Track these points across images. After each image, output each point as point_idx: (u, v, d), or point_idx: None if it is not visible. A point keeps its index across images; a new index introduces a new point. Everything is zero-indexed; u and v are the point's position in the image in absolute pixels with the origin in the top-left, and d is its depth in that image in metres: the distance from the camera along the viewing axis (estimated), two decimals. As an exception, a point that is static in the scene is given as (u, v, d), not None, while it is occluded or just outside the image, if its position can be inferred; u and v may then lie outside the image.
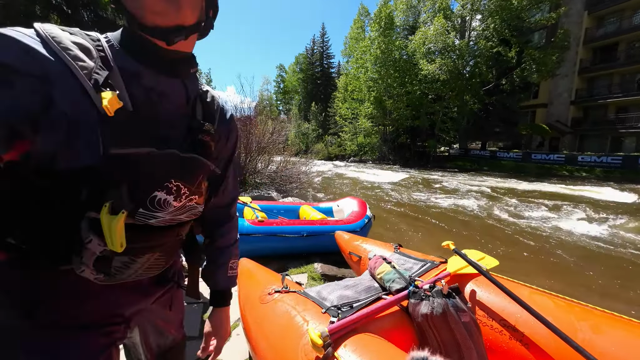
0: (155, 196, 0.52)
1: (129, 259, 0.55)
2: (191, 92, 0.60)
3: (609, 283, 3.57)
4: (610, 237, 5.23)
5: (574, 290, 3.39)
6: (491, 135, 23.55)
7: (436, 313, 1.10)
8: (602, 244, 4.86)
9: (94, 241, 0.48)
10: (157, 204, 0.53)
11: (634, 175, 14.43)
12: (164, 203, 0.54)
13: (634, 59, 19.58)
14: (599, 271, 3.88)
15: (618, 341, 1.03)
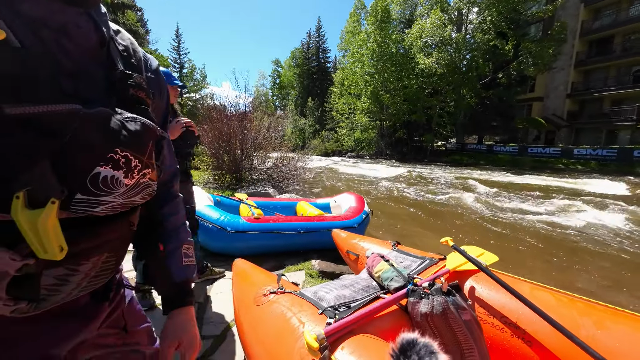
0: (97, 173, 0.38)
1: (67, 269, 0.40)
2: (104, 31, 0.44)
3: (609, 276, 3.59)
4: (608, 229, 5.26)
5: (574, 284, 3.40)
6: (488, 129, 23.60)
7: (436, 312, 1.07)
8: (600, 238, 4.89)
9: (4, 256, 0.33)
10: (102, 184, 0.39)
11: (629, 168, 14.55)
12: (113, 182, 0.40)
13: (630, 51, 19.62)
14: (598, 265, 3.90)
15: (622, 337, 1.00)
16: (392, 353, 0.71)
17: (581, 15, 21.36)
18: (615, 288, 3.31)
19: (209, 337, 1.63)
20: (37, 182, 0.33)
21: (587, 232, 5.12)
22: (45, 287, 0.39)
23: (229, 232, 2.69)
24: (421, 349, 0.69)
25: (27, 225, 0.33)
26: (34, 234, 0.33)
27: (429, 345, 0.69)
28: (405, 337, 0.72)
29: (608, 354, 0.97)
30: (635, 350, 0.96)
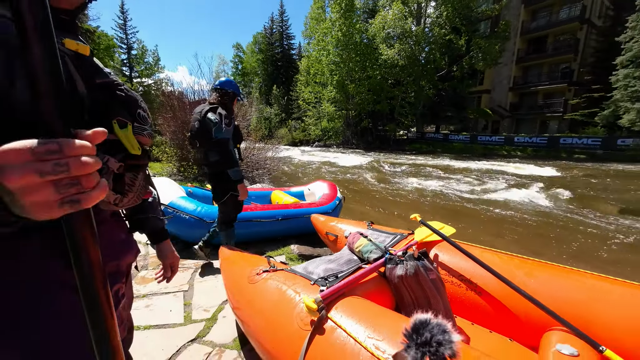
0: (139, 112, 0.67)
1: (133, 175, 0.66)
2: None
3: (536, 238, 4.30)
4: (536, 204, 6.20)
5: (513, 246, 4.02)
6: (444, 119, 25.41)
7: (409, 273, 1.28)
8: (528, 210, 5.75)
9: (111, 159, 0.56)
10: (141, 118, 0.68)
11: (556, 153, 16.93)
12: (143, 118, 0.69)
13: (559, 50, 22.37)
14: (527, 229, 4.63)
15: (544, 280, 1.32)
16: (405, 332, 0.71)
17: (522, 16, 23.67)
18: (543, 246, 4.00)
19: (201, 320, 1.69)
20: (122, 115, 0.61)
21: (517, 206, 5.99)
22: (127, 185, 0.65)
23: (208, 222, 2.69)
24: (434, 327, 0.69)
25: (122, 136, 0.59)
26: (127, 140, 0.60)
27: (442, 325, 0.70)
28: (418, 317, 0.72)
29: (534, 293, 1.27)
30: (550, 288, 1.28)
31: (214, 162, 2.13)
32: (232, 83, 2.25)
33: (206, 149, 2.13)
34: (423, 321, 0.71)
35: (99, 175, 0.38)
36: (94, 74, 0.59)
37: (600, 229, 4.73)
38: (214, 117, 2.02)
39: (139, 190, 0.71)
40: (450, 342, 0.68)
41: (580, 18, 20.89)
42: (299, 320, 1.09)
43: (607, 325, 1.11)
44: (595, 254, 3.84)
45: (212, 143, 2.05)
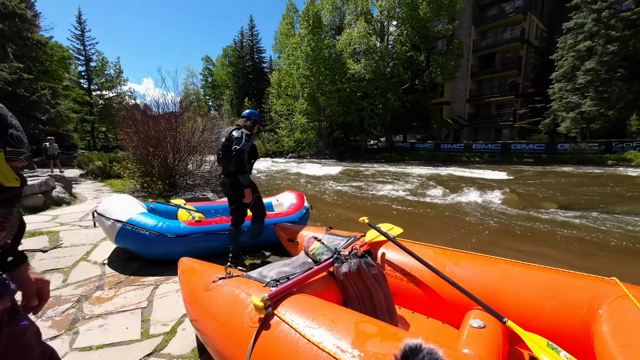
0: (11, 133, 0.57)
1: (7, 209, 0.57)
2: None
3: (487, 236, 4.73)
4: (488, 205, 6.80)
5: (453, 242, 4.38)
6: (410, 129, 26.93)
7: (352, 270, 1.42)
8: (480, 211, 6.31)
9: None
10: (15, 139, 0.58)
11: (508, 158, 18.65)
12: (18, 139, 0.59)
13: (506, 66, 25.03)
14: (477, 229, 5.08)
15: (468, 269, 1.53)
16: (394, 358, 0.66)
17: (472, 35, 26.26)
18: (486, 243, 4.41)
19: (158, 335, 1.69)
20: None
21: (471, 208, 6.54)
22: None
23: (169, 237, 2.67)
24: (425, 356, 0.63)
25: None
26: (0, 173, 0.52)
27: (433, 352, 0.64)
28: (408, 342, 0.66)
29: (460, 280, 1.48)
30: (472, 274, 1.49)
31: (232, 172, 2.61)
32: (255, 113, 2.84)
33: (227, 161, 2.61)
34: (413, 348, 0.65)
35: None
36: None
37: (543, 223, 5.32)
38: (237, 134, 2.58)
39: (14, 224, 0.61)
40: None
41: (521, 39, 23.65)
42: (248, 319, 1.17)
43: (511, 301, 1.33)
44: (541, 247, 4.32)
45: (232, 154, 2.53)
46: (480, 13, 26.41)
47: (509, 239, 4.70)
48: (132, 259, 2.83)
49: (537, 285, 1.32)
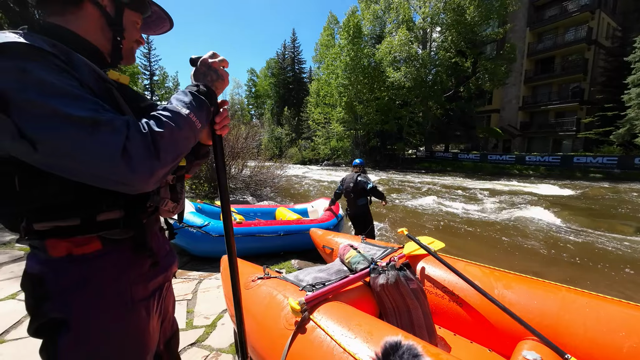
0: None
1: (181, 184, 0.80)
2: None
3: (541, 256, 4.21)
4: (546, 224, 6.06)
5: (501, 262, 3.95)
6: (452, 138, 25.43)
7: (390, 282, 1.38)
8: (535, 229, 5.64)
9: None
10: None
11: (570, 172, 16.50)
12: None
13: (568, 70, 22.45)
14: (531, 248, 4.54)
15: (520, 293, 1.39)
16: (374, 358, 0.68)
17: (527, 38, 24.13)
18: (541, 264, 3.91)
19: (201, 326, 1.81)
20: None
21: (524, 226, 5.87)
22: (178, 193, 0.78)
23: (213, 237, 2.86)
24: (404, 352, 0.65)
25: None
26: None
27: (413, 348, 0.66)
28: (388, 340, 0.68)
29: (511, 305, 1.34)
30: (526, 299, 1.34)
31: (361, 205, 3.74)
32: (362, 161, 4.10)
33: (357, 197, 3.70)
34: (393, 345, 0.67)
35: None
36: (136, 99, 0.69)
37: (613, 249, 4.58)
38: (363, 178, 3.72)
39: (183, 198, 0.83)
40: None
41: (587, 39, 21.09)
42: (285, 321, 1.20)
43: (574, 334, 1.17)
44: (609, 276, 3.73)
45: (367, 191, 3.66)
46: (537, 14, 24.20)
47: (569, 264, 4.13)
48: (181, 254, 3.08)
49: (609, 320, 1.15)
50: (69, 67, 0.51)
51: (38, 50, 0.48)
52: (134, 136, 0.50)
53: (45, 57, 0.48)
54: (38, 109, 0.45)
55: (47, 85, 0.46)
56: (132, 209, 0.63)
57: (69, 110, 0.46)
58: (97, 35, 0.66)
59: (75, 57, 0.55)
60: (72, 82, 0.49)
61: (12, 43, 0.46)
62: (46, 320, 0.57)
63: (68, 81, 0.49)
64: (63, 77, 0.48)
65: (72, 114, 0.46)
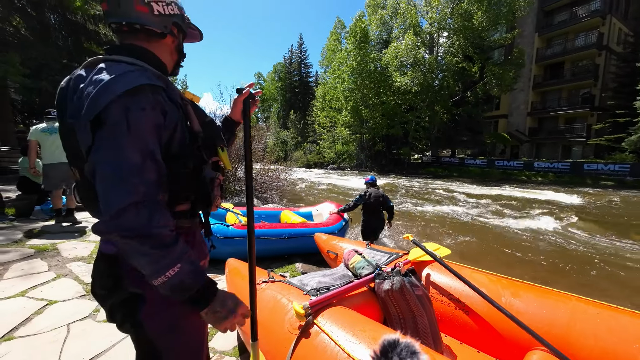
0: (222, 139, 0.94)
1: (222, 182, 0.90)
2: None
3: (552, 268, 4.11)
4: (554, 231, 5.93)
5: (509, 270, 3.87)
6: (459, 143, 25.19)
7: (395, 288, 1.37)
8: (543, 238, 5.52)
9: (219, 175, 0.85)
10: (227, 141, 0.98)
11: (580, 179, 16.16)
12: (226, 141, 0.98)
13: (578, 76, 22.11)
14: (536, 257, 4.44)
15: (528, 301, 1.36)
16: (373, 356, 0.69)
17: (536, 43, 23.90)
18: (549, 272, 3.81)
19: (205, 328, 1.82)
20: (220, 142, 0.88)
21: (534, 233, 5.75)
22: (222, 191, 0.90)
23: (218, 238, 2.88)
24: (402, 349, 0.67)
25: (223, 157, 0.88)
26: (225, 159, 0.89)
27: (411, 346, 0.68)
28: (386, 338, 0.70)
29: (519, 314, 1.32)
30: (534, 308, 1.32)
31: (382, 219, 4.22)
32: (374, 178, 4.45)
33: (381, 211, 4.17)
34: (391, 342, 0.69)
35: None
36: (203, 115, 0.86)
37: (626, 259, 4.45)
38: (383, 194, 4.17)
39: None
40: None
41: (598, 45, 20.79)
42: (289, 325, 1.20)
43: (585, 345, 1.14)
44: (620, 286, 3.62)
45: (387, 208, 4.13)
46: (546, 19, 23.98)
47: (578, 273, 4.03)
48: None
49: (622, 331, 1.11)
50: (166, 98, 0.69)
51: (154, 88, 0.65)
52: (140, 208, 0.59)
53: (154, 95, 0.65)
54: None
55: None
56: (198, 204, 0.80)
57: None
58: (168, 58, 0.84)
59: (169, 83, 0.73)
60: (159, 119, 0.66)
61: (145, 86, 0.63)
62: (127, 296, 0.70)
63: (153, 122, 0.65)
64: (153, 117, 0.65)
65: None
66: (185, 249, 0.65)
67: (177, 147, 0.71)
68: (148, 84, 0.63)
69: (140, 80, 0.62)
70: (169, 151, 0.70)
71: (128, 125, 0.59)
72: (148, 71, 0.67)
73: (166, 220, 0.62)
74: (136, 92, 0.61)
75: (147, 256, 0.60)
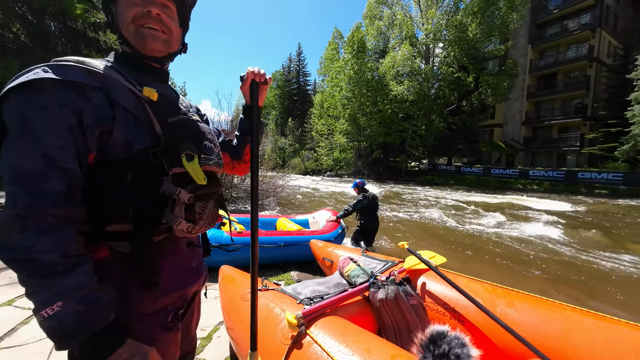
0: (205, 144, 0.77)
1: (203, 204, 0.73)
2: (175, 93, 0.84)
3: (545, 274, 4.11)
4: (549, 240, 5.95)
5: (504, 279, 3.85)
6: (455, 151, 25.43)
7: (389, 297, 1.35)
8: (538, 246, 5.53)
9: (182, 191, 0.65)
10: (207, 149, 0.77)
11: (575, 187, 16.33)
12: (210, 149, 0.79)
13: (570, 87, 22.62)
14: (535, 266, 4.44)
15: (523, 311, 1.35)
16: (421, 342, 0.68)
17: (529, 55, 24.50)
18: (545, 281, 3.80)
19: (197, 338, 1.78)
20: (189, 148, 0.70)
21: (530, 242, 5.76)
22: (197, 213, 0.72)
23: (213, 246, 2.85)
24: (452, 340, 0.66)
25: (188, 168, 0.68)
26: (192, 172, 0.68)
27: (461, 338, 0.66)
28: (435, 328, 0.69)
29: (514, 324, 1.30)
30: (529, 318, 1.31)
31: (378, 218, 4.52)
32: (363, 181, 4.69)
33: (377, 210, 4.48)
34: (441, 332, 0.68)
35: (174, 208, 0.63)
36: (166, 114, 0.69)
37: (620, 268, 4.46)
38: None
39: (209, 218, 0.77)
40: (469, 356, 0.65)
41: (589, 57, 21.35)
42: (281, 335, 1.18)
43: (580, 357, 1.12)
44: (615, 296, 3.62)
45: None
46: (538, 32, 24.65)
47: (572, 281, 4.02)
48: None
49: (618, 342, 1.10)
50: (90, 97, 0.58)
51: (63, 84, 0.55)
52: (23, 225, 0.50)
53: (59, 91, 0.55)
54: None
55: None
56: (141, 225, 0.63)
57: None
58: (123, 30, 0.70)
59: (112, 80, 0.61)
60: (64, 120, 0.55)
61: (45, 80, 0.53)
62: None
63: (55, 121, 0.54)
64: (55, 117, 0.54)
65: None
66: (85, 282, 0.53)
67: (117, 153, 0.59)
68: (51, 79, 0.53)
69: (40, 75, 0.53)
70: (106, 157, 0.59)
71: (22, 125, 0.51)
72: (74, 68, 0.57)
73: (58, 243, 0.50)
74: (32, 88, 0.52)
75: (26, 285, 0.50)
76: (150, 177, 0.63)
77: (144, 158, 0.61)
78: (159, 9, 0.69)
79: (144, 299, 0.66)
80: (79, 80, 0.56)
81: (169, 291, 0.70)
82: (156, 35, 0.70)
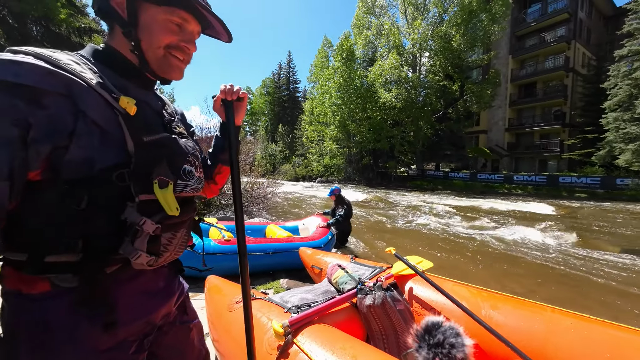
0: (185, 168, 0.67)
1: (171, 234, 0.64)
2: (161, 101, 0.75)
3: (529, 276, 4.22)
4: (532, 243, 6.13)
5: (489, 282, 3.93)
6: (443, 157, 26.02)
7: (377, 303, 1.36)
8: (523, 248, 5.69)
9: (147, 221, 0.55)
10: (187, 174, 0.67)
11: (556, 191, 16.95)
12: (190, 173, 0.69)
13: (549, 95, 23.70)
14: (519, 268, 4.55)
15: (507, 313, 1.38)
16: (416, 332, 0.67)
17: (510, 64, 25.59)
18: (529, 282, 3.90)
19: (181, 351, 1.72)
20: (162, 174, 0.60)
21: (513, 245, 5.92)
22: (162, 245, 0.63)
23: (200, 254, 2.78)
24: (447, 330, 0.67)
25: (160, 196, 0.58)
26: (164, 201, 0.59)
27: (455, 327, 0.67)
28: (430, 319, 0.69)
29: (497, 326, 1.33)
30: (512, 320, 1.34)
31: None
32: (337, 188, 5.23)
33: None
34: (435, 323, 0.69)
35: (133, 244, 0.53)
36: (144, 132, 0.59)
37: (599, 267, 4.63)
38: None
39: (177, 247, 0.69)
40: (463, 345, 0.66)
41: (565, 67, 22.48)
42: (267, 345, 1.16)
43: (561, 358, 1.16)
44: (595, 295, 3.74)
45: None
46: (518, 43, 25.86)
47: (555, 282, 4.14)
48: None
49: (594, 341, 1.14)
50: (47, 104, 0.47)
51: (9, 86, 0.45)
52: None
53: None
54: None
55: None
56: (92, 255, 0.53)
57: None
58: (124, 45, 0.62)
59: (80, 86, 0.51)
60: None
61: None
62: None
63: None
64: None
65: None
66: None
67: (72, 172, 0.50)
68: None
69: None
70: (58, 175, 0.49)
71: None
72: (31, 67, 0.47)
73: None
74: None
75: None
76: (110, 202, 0.54)
77: (107, 179, 0.52)
78: (194, 46, 0.66)
79: (98, 337, 0.56)
80: (33, 84, 0.46)
81: (129, 323, 0.60)
82: (181, 67, 0.67)
